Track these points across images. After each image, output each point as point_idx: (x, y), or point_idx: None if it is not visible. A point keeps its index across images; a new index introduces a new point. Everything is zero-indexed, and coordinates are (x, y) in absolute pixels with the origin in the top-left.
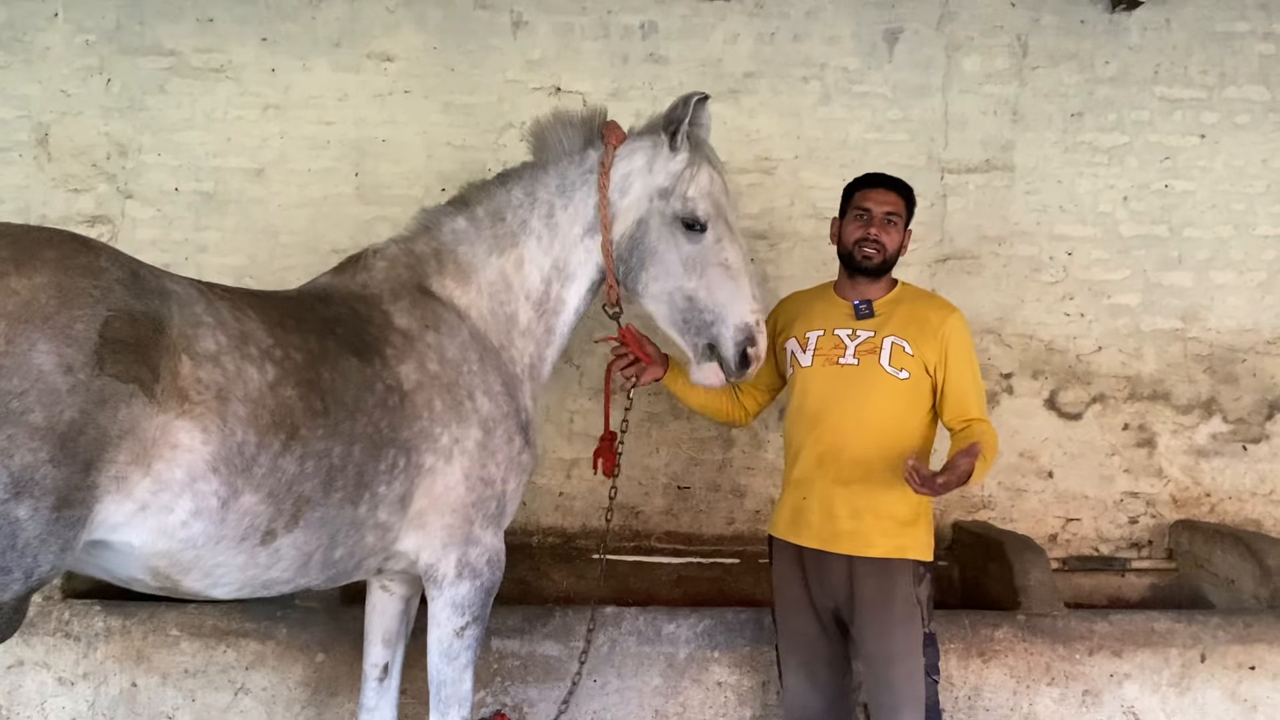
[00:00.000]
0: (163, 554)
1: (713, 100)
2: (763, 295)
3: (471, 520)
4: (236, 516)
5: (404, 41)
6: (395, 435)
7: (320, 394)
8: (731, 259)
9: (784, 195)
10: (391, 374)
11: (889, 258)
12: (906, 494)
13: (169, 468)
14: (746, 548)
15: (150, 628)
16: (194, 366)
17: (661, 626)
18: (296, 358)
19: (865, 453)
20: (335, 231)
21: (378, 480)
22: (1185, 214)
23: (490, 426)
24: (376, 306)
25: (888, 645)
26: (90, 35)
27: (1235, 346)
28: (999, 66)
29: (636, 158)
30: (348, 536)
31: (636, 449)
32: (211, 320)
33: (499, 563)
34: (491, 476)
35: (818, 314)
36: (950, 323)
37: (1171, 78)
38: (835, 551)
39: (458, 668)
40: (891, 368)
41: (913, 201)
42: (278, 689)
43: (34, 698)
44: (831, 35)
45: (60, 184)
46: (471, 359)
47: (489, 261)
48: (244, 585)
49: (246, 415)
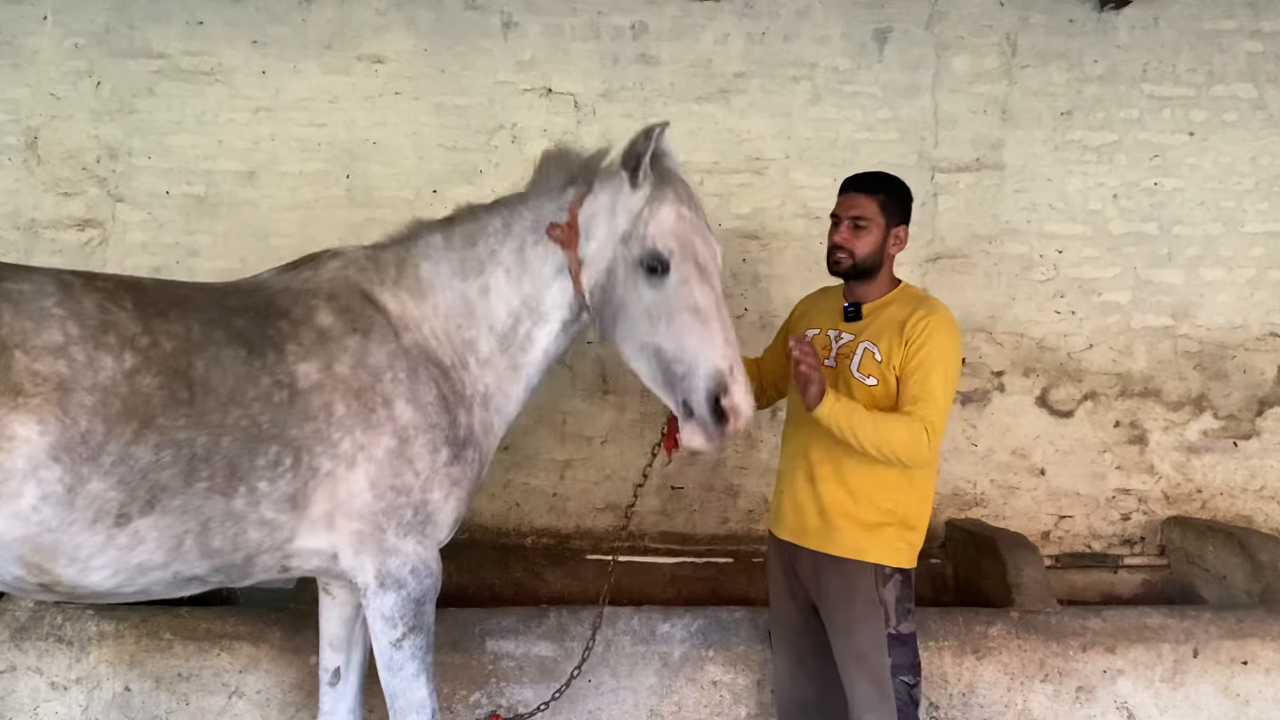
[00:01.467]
0: (23, 539)
1: (703, 100)
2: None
3: (383, 528)
4: (85, 500)
5: (394, 43)
6: (280, 432)
7: (188, 383)
8: (701, 301)
9: (775, 195)
10: (285, 370)
11: (859, 262)
12: (873, 498)
13: (10, 458)
14: (740, 547)
15: (143, 631)
16: (29, 360)
17: (656, 626)
18: (166, 346)
19: (832, 453)
20: (327, 234)
21: (255, 474)
22: (1174, 211)
23: (409, 435)
24: (304, 302)
25: (850, 643)
26: (79, 38)
27: (1225, 343)
28: (988, 66)
29: (601, 198)
30: (224, 527)
31: (630, 450)
32: (63, 313)
33: (427, 572)
34: (406, 485)
35: (821, 313)
36: (922, 324)
37: (1160, 76)
38: (804, 546)
39: (405, 678)
40: (859, 374)
41: (897, 196)
42: (271, 692)
43: (27, 703)
44: (821, 35)
45: (50, 188)
46: (399, 368)
47: (450, 283)
48: (118, 570)
49: (93, 404)
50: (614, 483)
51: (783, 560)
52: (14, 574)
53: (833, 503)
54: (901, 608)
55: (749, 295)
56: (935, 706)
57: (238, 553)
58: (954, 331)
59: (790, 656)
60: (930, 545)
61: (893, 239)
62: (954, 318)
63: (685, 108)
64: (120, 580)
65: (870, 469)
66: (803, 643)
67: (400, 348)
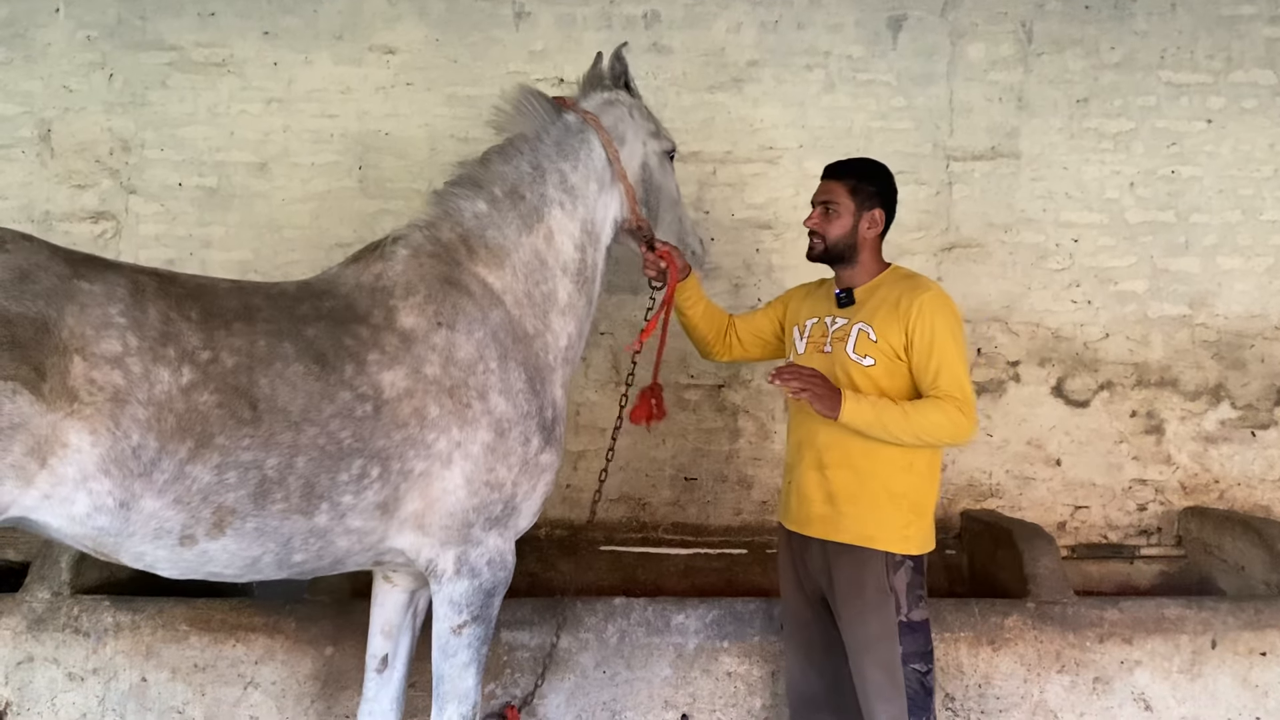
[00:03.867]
0: (82, 538)
1: (716, 90)
2: None
3: (471, 524)
4: (142, 519)
5: (406, 34)
6: (363, 446)
7: (251, 402)
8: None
9: (788, 185)
10: (368, 382)
11: (830, 245)
12: (883, 481)
13: (62, 464)
14: (754, 538)
15: (159, 623)
16: (87, 368)
17: (670, 617)
18: (227, 362)
19: (836, 438)
20: (339, 226)
21: (338, 490)
22: (1192, 199)
23: (504, 429)
24: (382, 303)
25: (859, 633)
26: (92, 31)
27: (1243, 332)
28: (1004, 53)
29: (616, 109)
30: (308, 544)
31: (643, 441)
32: (125, 321)
33: (502, 564)
34: (500, 480)
35: (817, 301)
36: (919, 303)
37: (1178, 63)
38: (810, 535)
39: (456, 665)
40: (855, 355)
41: (868, 180)
42: (287, 683)
43: (44, 693)
44: (835, 23)
45: (64, 180)
46: (490, 357)
47: (520, 241)
48: (186, 572)
49: (147, 419)
50: (627, 474)
51: (792, 552)
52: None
53: (841, 489)
54: (913, 595)
55: (763, 286)
56: (951, 698)
57: (322, 561)
58: (949, 304)
59: (800, 650)
60: (945, 536)
61: (867, 222)
62: (943, 290)
63: (698, 97)
64: (188, 575)
65: (880, 451)
66: (812, 635)
67: (488, 333)
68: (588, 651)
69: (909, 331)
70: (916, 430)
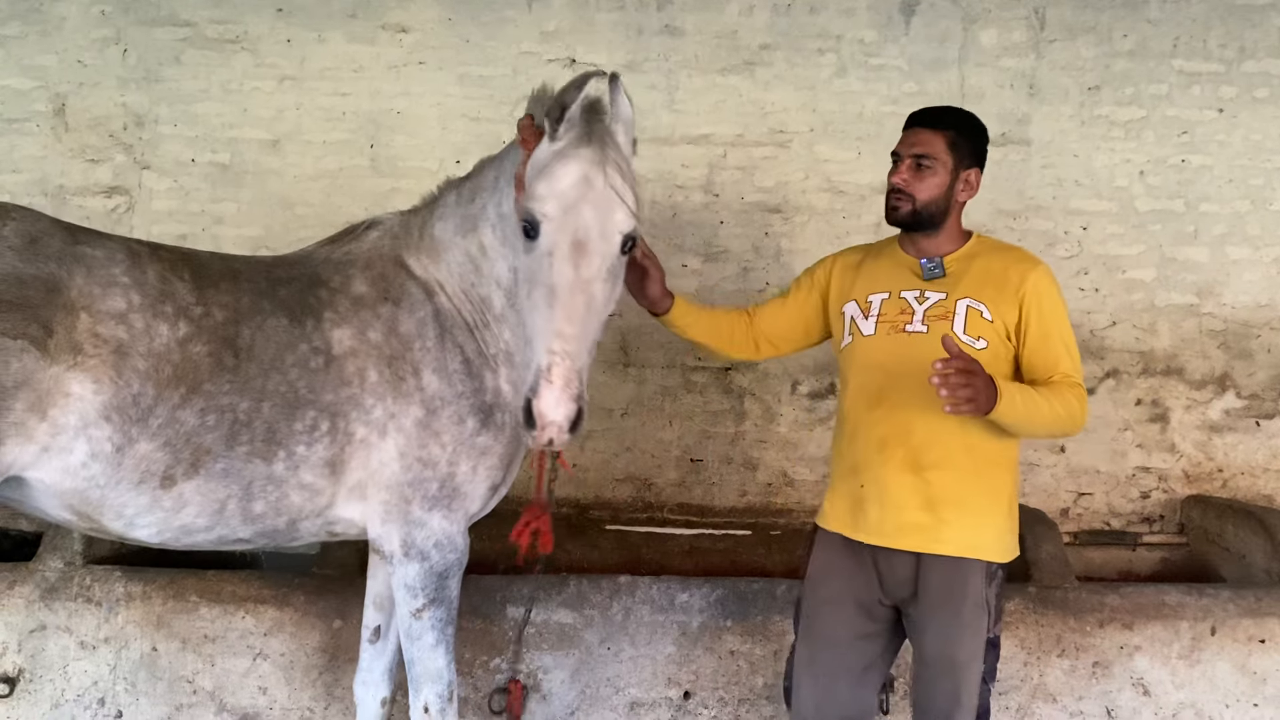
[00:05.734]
0: (72, 492)
1: (728, 72)
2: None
3: (409, 500)
4: (133, 461)
5: (419, 13)
6: (316, 397)
7: (234, 350)
8: (557, 280)
9: (799, 169)
10: (321, 336)
11: (920, 208)
12: (986, 483)
13: (63, 414)
14: (759, 520)
15: (170, 594)
16: (93, 323)
17: (675, 596)
18: (217, 316)
19: (936, 434)
20: (351, 204)
21: (293, 439)
22: (1202, 189)
23: (436, 407)
24: (342, 272)
25: (949, 651)
26: (106, 6)
27: (1250, 322)
28: (1016, 39)
29: (540, 147)
30: (266, 491)
31: (650, 422)
32: (128, 281)
33: (451, 547)
34: (433, 458)
35: (882, 273)
36: (1032, 279)
37: (1190, 51)
38: (900, 548)
39: (423, 647)
40: (968, 336)
41: (969, 134)
42: (295, 655)
43: (56, 661)
44: (848, 7)
45: (77, 154)
46: (428, 335)
47: (455, 241)
48: (162, 528)
49: (146, 369)
50: (634, 455)
51: (851, 564)
52: (64, 516)
53: (944, 493)
54: (1000, 607)
55: (771, 270)
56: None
57: (280, 517)
58: (1055, 279)
59: (821, 679)
60: None
61: (962, 183)
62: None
63: (709, 80)
64: (166, 538)
65: (983, 447)
66: (840, 665)
67: (430, 313)
68: (592, 628)
69: (1024, 309)
70: (1051, 421)
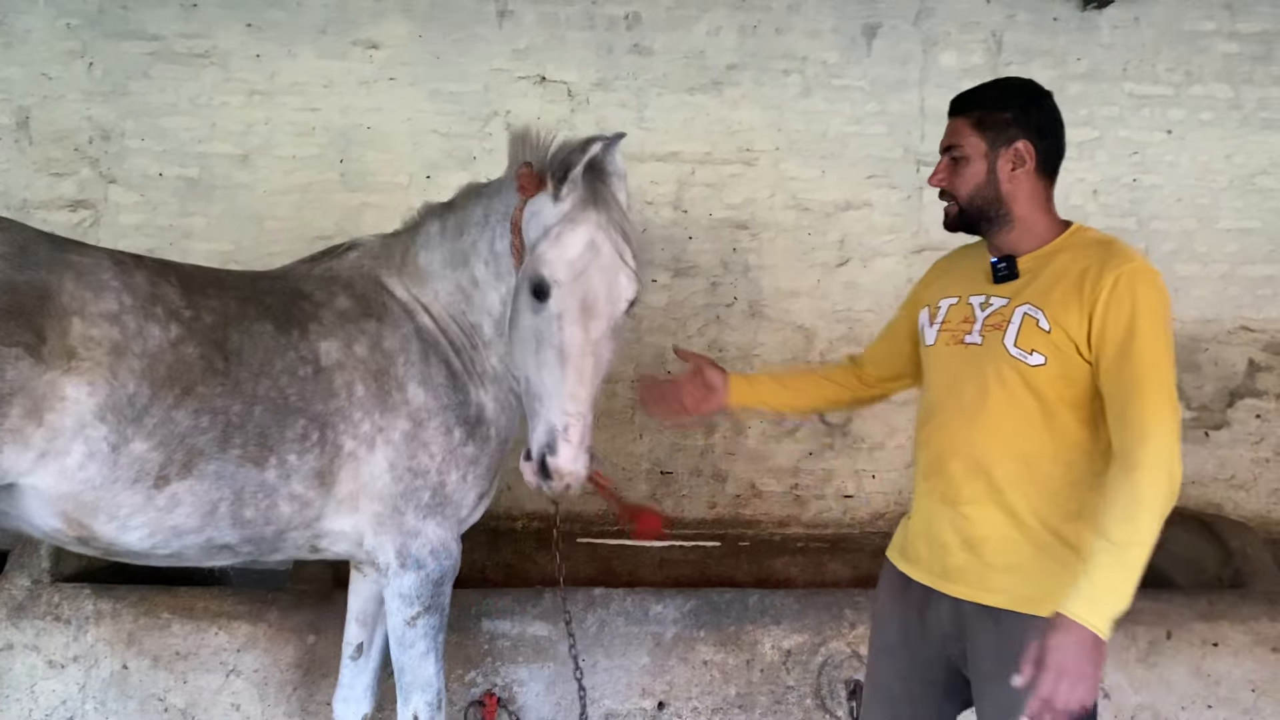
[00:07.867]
0: (67, 495)
1: (696, 91)
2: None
3: (402, 511)
4: (128, 460)
5: (390, 29)
6: (305, 406)
7: (224, 354)
8: (568, 342)
9: (765, 186)
10: (309, 346)
11: (966, 204)
12: (1042, 522)
13: (59, 417)
14: (728, 531)
15: (141, 610)
16: (86, 326)
17: (649, 607)
18: (207, 319)
19: (980, 464)
20: (321, 218)
21: (285, 446)
22: (1153, 207)
23: (422, 418)
24: (325, 288)
25: None
26: (72, 19)
27: (1198, 336)
28: (975, 62)
29: (537, 201)
30: (257, 499)
31: (620, 435)
32: (119, 284)
33: (446, 554)
34: (423, 467)
35: (961, 275)
36: (1111, 280)
37: (1140, 75)
38: (945, 592)
39: (414, 655)
40: (1018, 349)
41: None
42: (269, 670)
43: (24, 680)
44: (813, 29)
45: (42, 168)
46: (412, 351)
47: (445, 274)
48: (154, 530)
49: (141, 369)
50: (604, 468)
51: (905, 605)
52: (53, 525)
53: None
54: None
55: (739, 285)
56: None
57: (269, 526)
58: (1158, 282)
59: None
60: None
61: (1006, 160)
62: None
63: (678, 98)
64: (155, 541)
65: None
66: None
67: (412, 330)
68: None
69: (1096, 317)
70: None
